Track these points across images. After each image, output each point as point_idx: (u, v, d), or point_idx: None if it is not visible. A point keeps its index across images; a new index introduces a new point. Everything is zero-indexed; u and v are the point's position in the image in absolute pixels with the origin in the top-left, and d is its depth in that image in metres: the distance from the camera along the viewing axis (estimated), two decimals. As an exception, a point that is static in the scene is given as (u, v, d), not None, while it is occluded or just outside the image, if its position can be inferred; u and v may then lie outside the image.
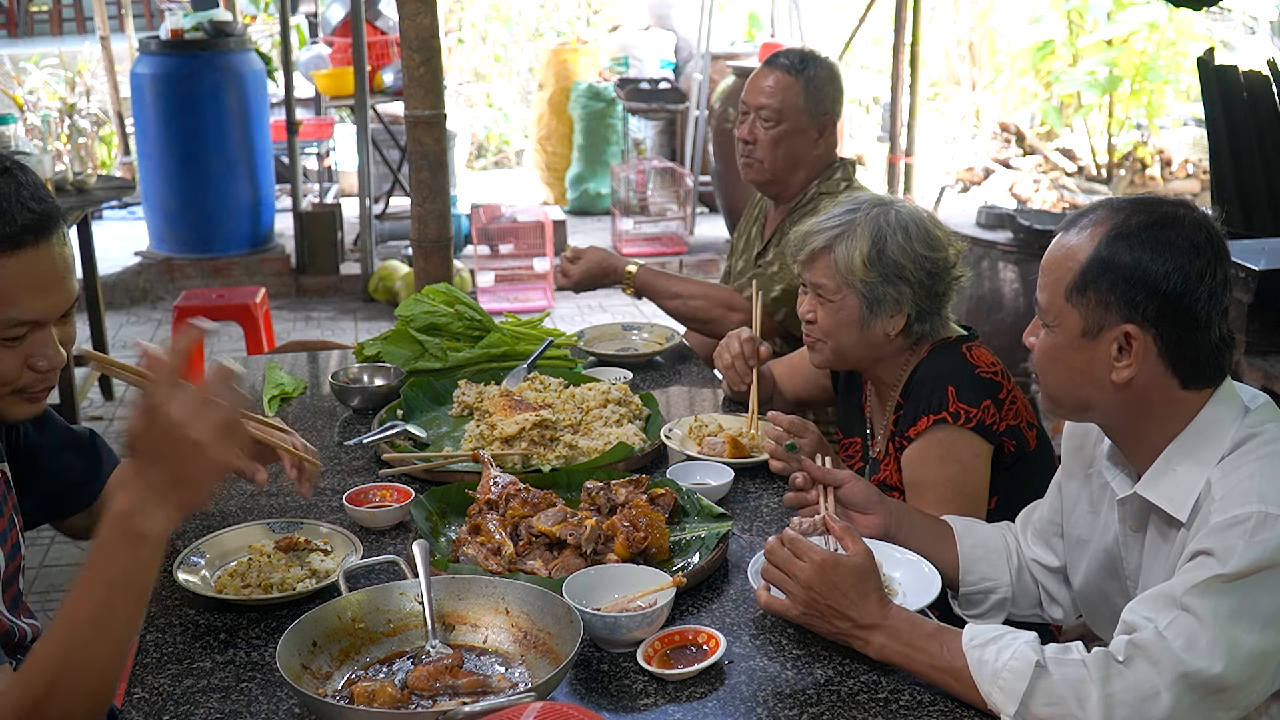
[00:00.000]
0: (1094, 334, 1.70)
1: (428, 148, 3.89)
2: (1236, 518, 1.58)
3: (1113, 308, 1.68)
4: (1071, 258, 1.71)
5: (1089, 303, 1.69)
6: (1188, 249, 1.66)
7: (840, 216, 2.36)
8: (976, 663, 1.61)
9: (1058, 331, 1.74)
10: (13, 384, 1.61)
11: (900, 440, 2.32)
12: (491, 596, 1.75)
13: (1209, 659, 1.53)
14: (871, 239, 2.30)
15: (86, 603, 1.44)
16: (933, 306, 2.33)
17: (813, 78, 3.13)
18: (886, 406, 2.43)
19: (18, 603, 1.80)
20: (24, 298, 1.56)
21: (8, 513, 1.78)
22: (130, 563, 1.44)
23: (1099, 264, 1.68)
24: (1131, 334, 1.67)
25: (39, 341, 1.60)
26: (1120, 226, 1.69)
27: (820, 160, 3.19)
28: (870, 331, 2.34)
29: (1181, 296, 1.65)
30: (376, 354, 2.92)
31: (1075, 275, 1.70)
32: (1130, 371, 1.69)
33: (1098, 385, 1.72)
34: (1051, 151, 9.62)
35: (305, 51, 8.95)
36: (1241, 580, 1.55)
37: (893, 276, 2.30)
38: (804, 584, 1.73)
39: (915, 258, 2.30)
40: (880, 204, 2.36)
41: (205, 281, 7.29)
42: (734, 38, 9.74)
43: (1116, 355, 1.69)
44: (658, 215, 8.16)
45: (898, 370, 2.39)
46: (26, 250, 1.55)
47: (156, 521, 1.45)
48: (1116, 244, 1.68)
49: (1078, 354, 1.72)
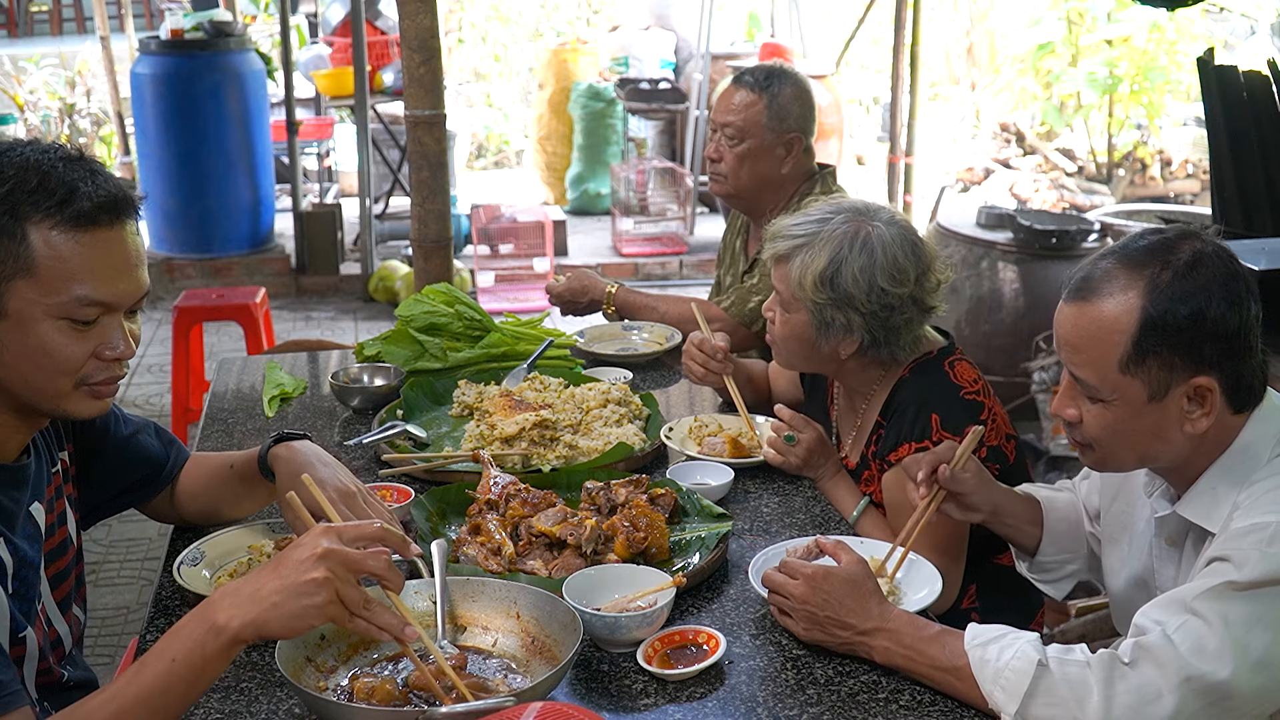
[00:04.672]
0: (1161, 396, 1.64)
1: (428, 148, 3.89)
2: (1256, 525, 1.57)
3: (1178, 366, 1.62)
4: (1113, 329, 1.63)
5: (1150, 369, 1.62)
6: (1228, 280, 1.61)
7: (810, 225, 2.25)
8: (979, 662, 1.61)
9: (1118, 404, 1.66)
10: (78, 372, 1.59)
11: (881, 463, 2.27)
12: (504, 600, 1.75)
13: (1216, 663, 1.51)
14: (829, 258, 2.19)
15: (146, 674, 1.41)
16: (886, 337, 2.23)
17: (776, 95, 3.09)
18: (856, 416, 2.38)
19: (69, 602, 1.80)
20: (96, 279, 1.55)
21: (60, 507, 1.79)
22: (197, 647, 1.40)
23: (1153, 328, 1.61)
24: (1203, 385, 1.62)
25: (108, 329, 1.60)
26: (1154, 282, 1.61)
27: (791, 177, 3.14)
28: (819, 349, 2.27)
29: (1239, 331, 1.62)
30: (376, 354, 2.92)
31: (1129, 346, 1.62)
32: (1208, 420, 1.64)
33: (1168, 441, 1.67)
34: (1051, 151, 9.62)
35: (305, 51, 8.95)
36: (1255, 590, 1.53)
37: (843, 303, 2.19)
38: (800, 600, 1.73)
39: (870, 289, 2.18)
40: (857, 217, 2.23)
41: (205, 281, 7.29)
42: (734, 38, 9.73)
43: (1188, 407, 1.64)
44: (658, 215, 8.15)
45: (870, 383, 2.33)
46: (101, 230, 1.55)
47: (234, 620, 1.39)
48: (1162, 302, 1.60)
49: (1145, 419, 1.66)
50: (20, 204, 1.52)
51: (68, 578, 1.79)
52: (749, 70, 3.18)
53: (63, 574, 1.78)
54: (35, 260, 1.52)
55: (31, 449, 1.70)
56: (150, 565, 4.26)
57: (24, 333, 1.55)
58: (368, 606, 1.44)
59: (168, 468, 2.05)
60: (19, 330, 1.55)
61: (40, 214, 1.52)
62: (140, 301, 1.64)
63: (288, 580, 1.40)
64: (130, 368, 6.09)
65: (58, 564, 1.76)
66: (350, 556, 1.42)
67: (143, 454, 2.01)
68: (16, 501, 1.65)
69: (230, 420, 2.75)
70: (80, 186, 1.54)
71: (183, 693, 1.41)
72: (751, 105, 3.10)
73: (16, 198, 1.52)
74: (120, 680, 1.43)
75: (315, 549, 1.41)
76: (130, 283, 1.60)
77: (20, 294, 1.53)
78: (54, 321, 1.55)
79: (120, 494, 2.01)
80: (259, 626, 1.40)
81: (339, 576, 1.40)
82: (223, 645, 1.40)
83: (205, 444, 2.60)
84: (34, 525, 1.69)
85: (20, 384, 1.58)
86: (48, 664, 1.70)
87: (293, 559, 1.42)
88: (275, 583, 1.40)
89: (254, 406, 2.82)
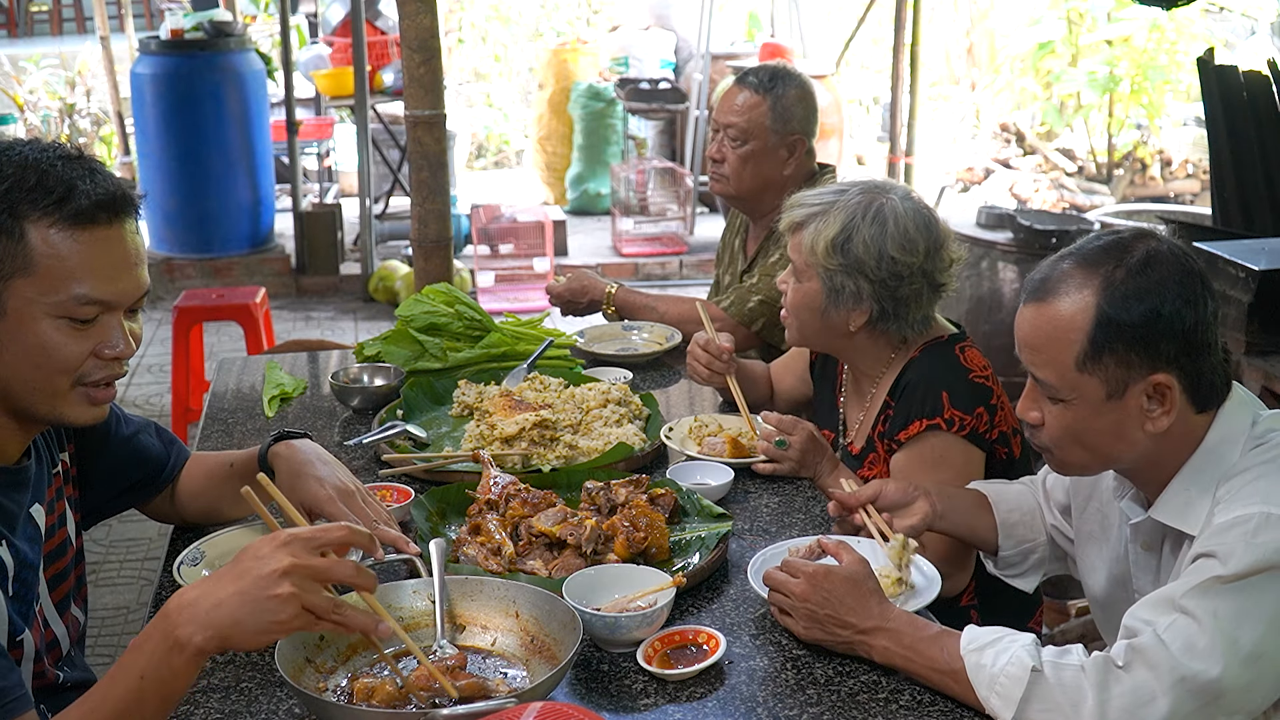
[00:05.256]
0: (1120, 394, 1.66)
1: (428, 148, 3.89)
2: (1239, 518, 1.57)
3: (1135, 363, 1.64)
4: (1069, 328, 1.66)
5: (1108, 366, 1.65)
6: (1183, 279, 1.64)
7: (826, 195, 2.31)
8: (974, 667, 1.61)
9: (1076, 403, 1.68)
10: (77, 370, 1.59)
11: (890, 443, 2.30)
12: (503, 599, 1.74)
13: (1207, 661, 1.51)
14: (842, 226, 2.24)
15: (118, 689, 1.40)
16: (896, 309, 2.27)
17: (781, 97, 3.09)
18: (865, 400, 2.40)
19: (68, 602, 1.80)
20: (94, 277, 1.55)
21: (60, 509, 1.79)
22: (161, 664, 1.38)
23: (1108, 325, 1.63)
24: (1162, 382, 1.64)
25: (108, 327, 1.59)
26: (1109, 280, 1.64)
27: (792, 178, 3.14)
28: (830, 320, 2.31)
29: (1195, 328, 1.63)
30: (376, 354, 2.92)
31: (1085, 344, 1.65)
32: (1168, 419, 1.66)
33: (1130, 440, 1.69)
34: (1051, 151, 9.62)
35: (305, 51, 8.95)
36: (1242, 581, 1.53)
37: (853, 269, 2.24)
38: (801, 598, 1.74)
39: (880, 257, 2.23)
40: (871, 191, 2.29)
41: (205, 281, 7.29)
42: (734, 38, 9.73)
43: (1148, 406, 1.66)
44: (658, 215, 8.15)
45: (880, 365, 2.36)
46: (99, 228, 1.55)
47: (197, 637, 1.36)
48: (1117, 300, 1.63)
49: (1105, 417, 1.68)
50: (19, 202, 1.52)
51: (66, 579, 1.79)
52: (753, 71, 3.18)
53: (61, 575, 1.78)
54: (34, 259, 1.52)
55: (32, 450, 1.70)
56: (150, 565, 4.26)
57: (23, 332, 1.55)
58: (338, 610, 1.41)
59: (168, 468, 2.05)
60: (18, 329, 1.54)
61: (39, 212, 1.52)
62: (140, 300, 1.63)
63: (250, 595, 1.36)
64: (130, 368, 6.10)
65: (56, 565, 1.76)
66: (316, 568, 1.39)
67: (143, 454, 2.01)
68: (17, 503, 1.64)
69: (230, 420, 2.75)
70: (79, 185, 1.54)
71: (157, 705, 1.40)
72: (756, 107, 3.10)
73: (15, 196, 1.52)
74: (94, 695, 1.41)
75: (279, 564, 1.37)
76: (129, 281, 1.60)
77: (19, 293, 1.53)
78: (53, 320, 1.55)
79: (121, 494, 2.01)
80: (222, 641, 1.38)
81: (304, 589, 1.37)
82: (187, 660, 1.38)
83: (205, 444, 2.60)
84: (34, 527, 1.69)
85: (19, 384, 1.58)
86: (43, 666, 1.69)
87: (254, 572, 1.37)
88: (237, 598, 1.36)
89: (254, 406, 2.82)
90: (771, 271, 3.08)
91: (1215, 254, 4.12)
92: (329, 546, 1.43)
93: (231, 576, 1.39)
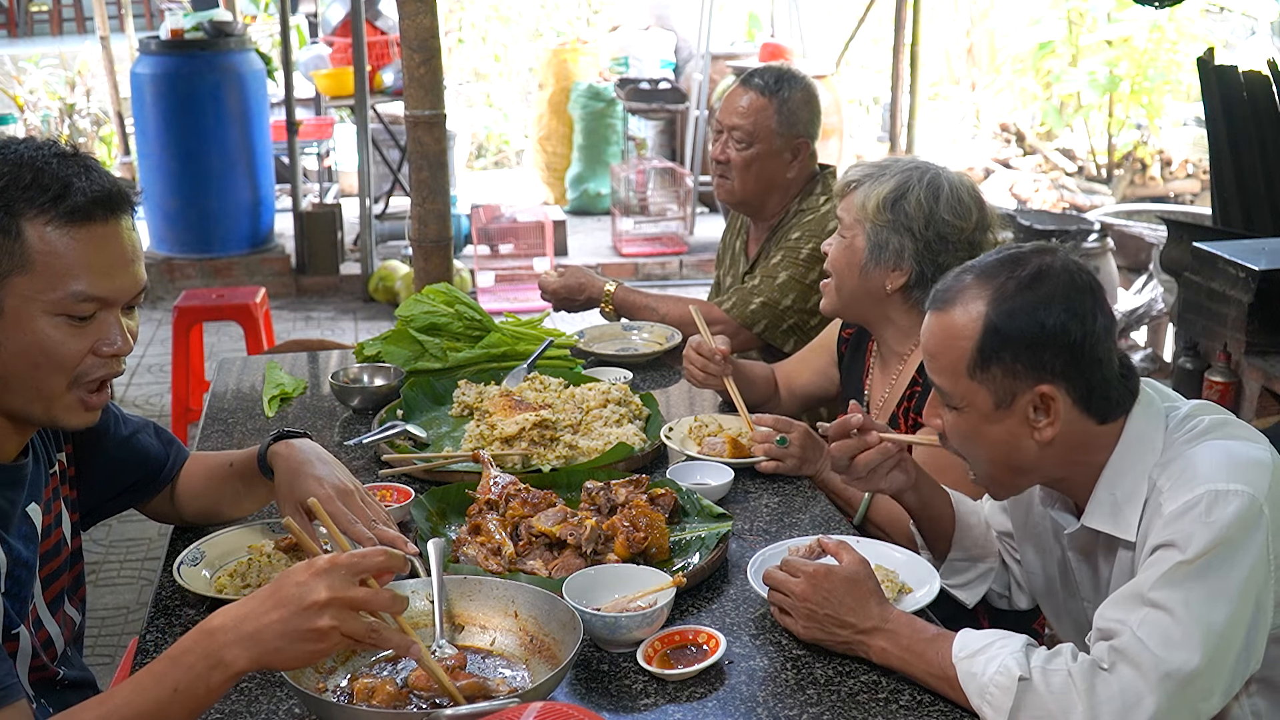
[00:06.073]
0: (1008, 403, 1.70)
1: (428, 148, 3.89)
2: (1188, 503, 1.59)
3: (1020, 373, 1.68)
4: (960, 336, 1.71)
5: (995, 376, 1.69)
6: (1072, 294, 1.67)
7: (880, 162, 2.40)
8: (965, 675, 1.61)
9: (969, 411, 1.74)
10: (75, 368, 1.59)
11: (915, 418, 2.32)
12: (502, 599, 1.74)
13: (1186, 652, 1.52)
14: (896, 185, 2.33)
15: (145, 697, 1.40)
16: (935, 276, 2.28)
17: (786, 99, 3.08)
18: (890, 378, 2.44)
19: (60, 602, 1.79)
20: (92, 274, 1.55)
21: (56, 509, 1.78)
22: (199, 679, 1.39)
23: (994, 335, 1.68)
24: (1046, 393, 1.68)
25: (105, 324, 1.59)
26: (1000, 291, 1.69)
27: (795, 181, 3.15)
28: (870, 279, 2.36)
29: (1083, 342, 1.67)
30: (376, 354, 2.92)
31: (973, 352, 1.70)
32: (1053, 429, 1.70)
33: (1023, 450, 1.73)
34: (1051, 151, 9.62)
35: (305, 51, 8.96)
36: (1204, 560, 1.55)
37: (900, 226, 2.31)
38: (801, 598, 1.74)
39: (930, 216, 2.30)
40: (923, 164, 2.39)
41: (205, 281, 7.29)
42: (734, 38, 9.74)
43: (1034, 416, 1.70)
44: (658, 215, 8.16)
45: (910, 342, 2.40)
46: (96, 225, 1.55)
47: (239, 659, 1.38)
48: (1004, 311, 1.68)
49: (995, 425, 1.72)
50: (14, 200, 1.52)
51: (59, 578, 1.79)
52: (757, 72, 3.17)
53: (54, 575, 1.78)
54: (30, 256, 1.52)
55: (30, 449, 1.70)
56: (150, 565, 4.26)
57: (21, 330, 1.54)
58: (375, 632, 1.43)
59: (167, 467, 2.05)
60: (16, 328, 1.54)
61: (35, 210, 1.52)
62: (137, 297, 1.63)
63: (290, 625, 1.38)
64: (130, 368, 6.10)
65: (51, 565, 1.76)
66: (354, 600, 1.40)
67: (142, 454, 2.01)
68: (12, 502, 1.64)
69: (230, 420, 2.75)
70: (74, 182, 1.54)
71: (188, 714, 1.41)
72: (761, 109, 3.09)
73: (11, 194, 1.52)
74: (117, 697, 1.41)
75: (318, 596, 1.38)
76: (126, 278, 1.60)
77: (16, 291, 1.53)
78: (51, 318, 1.55)
79: (120, 494, 2.00)
80: (264, 665, 1.41)
81: (342, 620, 1.39)
82: (227, 679, 1.40)
83: (205, 444, 2.60)
84: (30, 526, 1.69)
85: (16, 384, 1.57)
86: (41, 661, 1.69)
87: (295, 602, 1.39)
88: (279, 626, 1.38)
89: (254, 406, 2.82)
90: (773, 273, 3.08)
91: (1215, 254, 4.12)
92: (368, 574, 1.43)
93: (273, 602, 1.40)
